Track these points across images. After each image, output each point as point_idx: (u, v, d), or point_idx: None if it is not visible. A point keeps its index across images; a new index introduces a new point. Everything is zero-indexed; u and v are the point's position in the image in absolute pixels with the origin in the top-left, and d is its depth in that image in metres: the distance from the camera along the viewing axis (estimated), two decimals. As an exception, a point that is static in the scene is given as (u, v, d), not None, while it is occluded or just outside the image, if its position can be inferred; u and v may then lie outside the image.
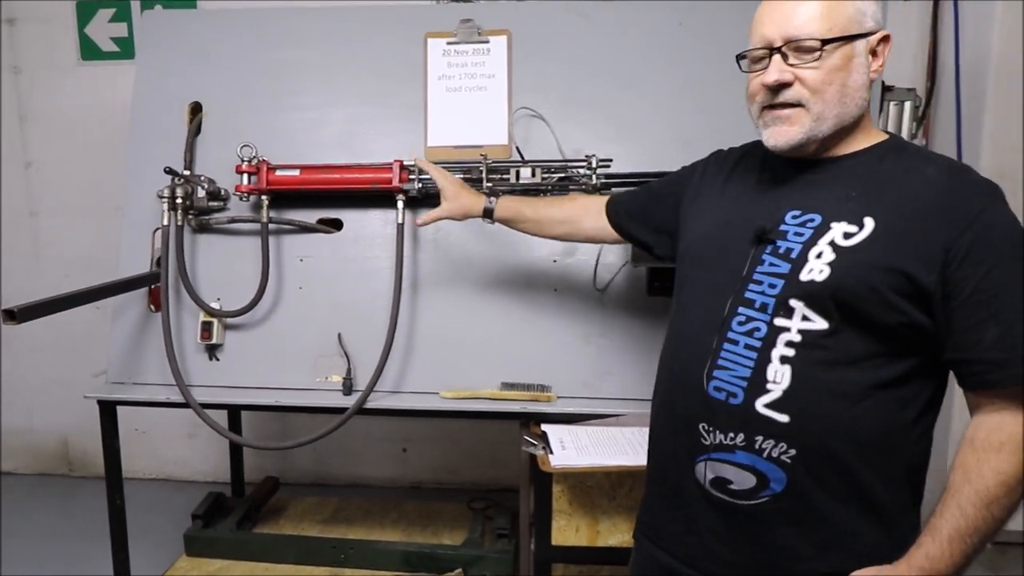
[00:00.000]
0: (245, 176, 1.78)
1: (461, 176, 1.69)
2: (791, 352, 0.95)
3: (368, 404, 1.71)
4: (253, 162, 1.78)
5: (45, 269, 3.26)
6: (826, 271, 0.94)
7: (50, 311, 1.47)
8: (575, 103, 1.86)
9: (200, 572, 2.09)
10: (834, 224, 0.96)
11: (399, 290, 1.73)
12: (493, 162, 1.77)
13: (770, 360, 0.96)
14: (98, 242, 3.20)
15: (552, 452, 1.58)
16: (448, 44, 1.90)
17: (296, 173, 1.78)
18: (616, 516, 1.61)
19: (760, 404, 0.96)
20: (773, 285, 0.97)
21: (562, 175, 1.76)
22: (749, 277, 1.00)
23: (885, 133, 1.06)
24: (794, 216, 1.01)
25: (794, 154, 1.03)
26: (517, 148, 1.81)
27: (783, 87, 0.98)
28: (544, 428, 1.68)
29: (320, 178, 1.77)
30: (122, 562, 1.83)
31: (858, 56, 0.98)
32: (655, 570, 1.13)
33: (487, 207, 1.51)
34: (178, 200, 1.81)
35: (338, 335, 1.82)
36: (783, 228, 1.00)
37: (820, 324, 0.94)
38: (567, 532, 1.66)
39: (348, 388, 1.77)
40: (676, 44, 1.83)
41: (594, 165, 1.72)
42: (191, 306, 1.86)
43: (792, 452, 0.95)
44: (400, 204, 1.75)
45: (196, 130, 1.92)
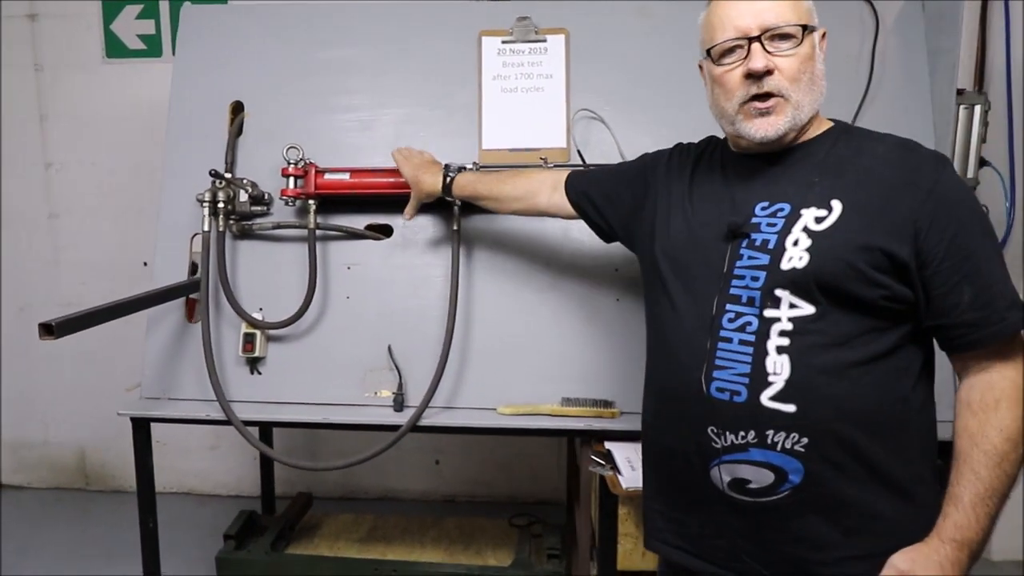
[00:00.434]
0: (291, 179, 1.69)
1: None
2: (786, 341, 0.96)
3: (422, 421, 1.61)
4: (300, 165, 1.69)
5: (64, 273, 3.17)
6: (806, 257, 0.96)
7: (88, 324, 1.38)
8: (635, 104, 1.77)
9: (235, 596, 1.99)
10: (804, 211, 0.99)
11: (455, 300, 1.64)
12: (554, 166, 1.67)
13: (767, 352, 0.97)
14: (119, 246, 3.12)
15: (620, 472, 1.48)
16: (503, 43, 1.81)
17: (346, 177, 1.69)
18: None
19: (765, 398, 0.96)
20: (756, 278, 0.99)
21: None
22: (731, 273, 1.01)
23: (830, 121, 1.10)
24: (763, 208, 1.03)
25: (769, 147, 1.05)
26: (579, 152, 1.72)
27: (767, 74, 1.00)
28: (608, 446, 1.59)
29: (372, 182, 1.68)
30: (155, 587, 1.73)
31: (817, 47, 1.03)
32: None
33: (445, 185, 1.52)
34: (220, 204, 1.71)
35: (388, 347, 1.72)
36: (755, 220, 1.02)
37: (807, 309, 0.96)
38: (634, 556, 1.58)
39: (400, 404, 1.68)
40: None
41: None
42: (230, 317, 1.77)
43: (804, 440, 0.95)
44: (456, 209, 1.65)
45: (238, 131, 1.83)
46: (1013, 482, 0.94)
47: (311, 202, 1.69)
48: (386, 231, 1.78)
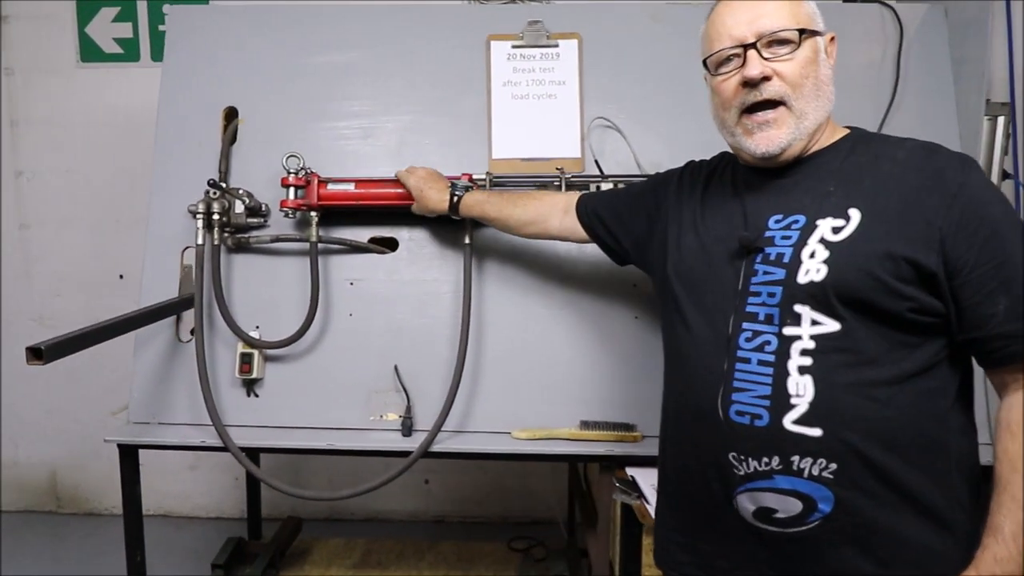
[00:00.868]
0: (291, 190, 1.59)
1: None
2: (808, 361, 0.91)
3: (433, 447, 1.52)
4: (301, 174, 1.59)
5: (36, 286, 3.01)
6: (824, 269, 0.91)
7: (80, 347, 1.26)
8: (650, 113, 1.71)
9: (225, 631, 1.87)
10: (820, 221, 0.95)
11: (467, 318, 1.55)
12: (572, 176, 1.61)
13: (788, 373, 0.92)
14: (94, 258, 2.97)
15: (648, 501, 1.41)
16: (513, 47, 1.74)
17: (351, 187, 1.59)
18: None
19: (788, 421, 0.91)
20: (772, 294, 0.94)
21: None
22: (746, 290, 0.97)
23: (846, 128, 1.06)
24: (777, 220, 0.99)
25: (775, 162, 1.01)
26: (596, 161, 1.65)
27: (764, 81, 0.97)
28: (630, 472, 1.51)
29: (378, 192, 1.59)
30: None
31: (821, 52, 1.00)
32: None
33: (452, 203, 1.48)
34: (214, 216, 1.60)
35: (394, 367, 1.63)
36: (768, 234, 0.98)
37: (831, 325, 0.91)
38: (658, 589, 1.49)
39: (408, 428, 1.58)
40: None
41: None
42: (224, 335, 1.65)
43: (833, 467, 0.90)
44: (468, 221, 1.57)
45: (232, 138, 1.72)
46: None
47: (313, 214, 1.59)
48: (391, 244, 1.69)
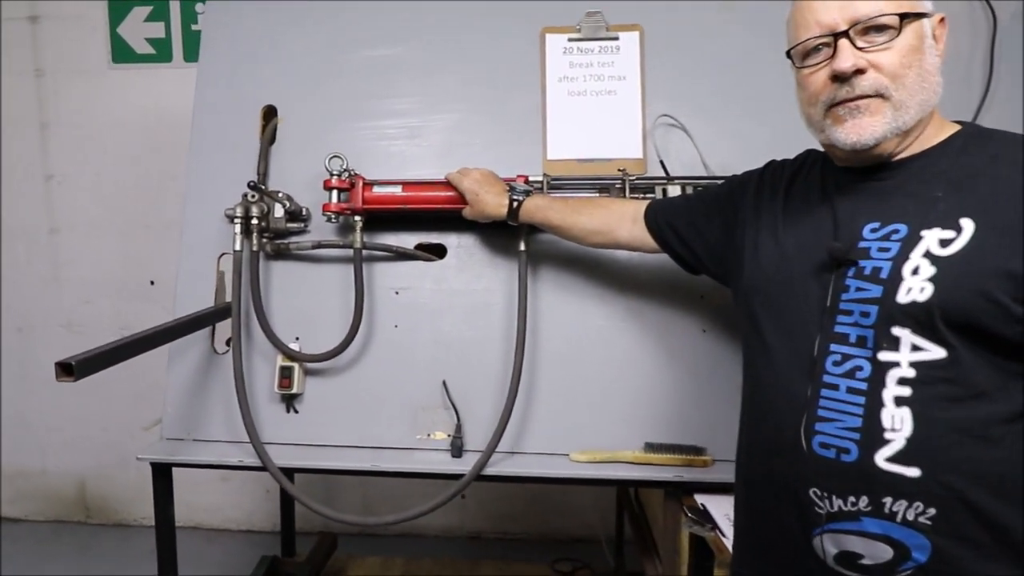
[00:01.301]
0: (334, 193, 1.49)
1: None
2: (907, 391, 0.82)
3: (486, 469, 1.41)
4: (345, 176, 1.50)
5: (65, 292, 2.96)
6: (929, 288, 0.81)
7: (112, 361, 1.17)
8: (719, 110, 1.58)
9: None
10: (925, 232, 0.84)
11: (523, 330, 1.44)
12: (636, 179, 1.48)
13: (883, 404, 0.82)
14: (124, 263, 2.92)
15: (723, 533, 1.28)
16: (570, 41, 1.62)
17: (398, 190, 1.49)
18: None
19: (881, 458, 0.82)
20: (866, 314, 0.84)
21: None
22: (835, 308, 0.87)
23: (957, 123, 0.94)
24: (873, 229, 0.88)
25: (870, 158, 0.90)
26: (662, 162, 1.52)
27: (857, 75, 0.87)
28: (700, 500, 1.38)
29: (428, 196, 1.48)
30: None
31: (927, 37, 0.89)
32: None
33: (511, 209, 1.36)
34: (253, 221, 1.51)
35: (443, 383, 1.52)
36: (863, 245, 0.87)
37: (936, 352, 0.81)
38: (732, 629, 1.36)
39: (458, 449, 1.47)
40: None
41: (758, 183, 1.44)
42: (263, 347, 1.56)
43: (931, 512, 0.80)
44: (523, 229, 1.46)
45: (271, 138, 1.63)
46: None
47: (357, 218, 1.49)
48: (439, 251, 1.58)
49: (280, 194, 1.54)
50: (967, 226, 0.82)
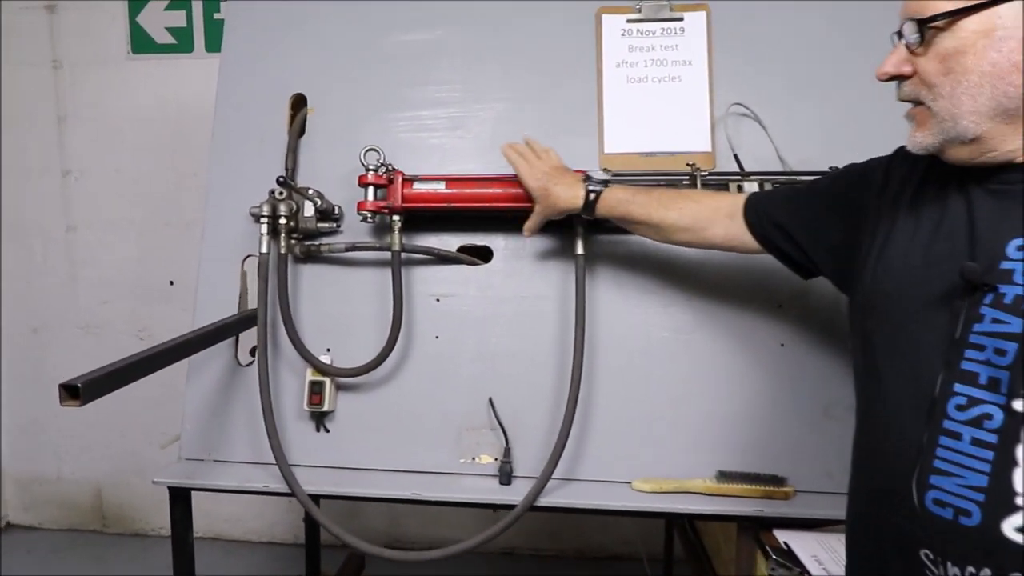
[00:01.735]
0: (370, 189, 1.35)
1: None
2: None
3: (540, 500, 1.26)
4: (381, 171, 1.35)
5: (82, 292, 2.86)
6: None
7: (123, 381, 1.04)
8: (798, 98, 1.42)
9: None
10: None
11: (581, 343, 1.28)
12: (707, 174, 1.32)
13: (1016, 462, 0.70)
14: (143, 263, 2.81)
15: (813, 577, 1.12)
16: (629, 22, 1.47)
17: (441, 187, 1.34)
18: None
19: (1009, 527, 0.70)
20: (1002, 351, 0.71)
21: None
22: (964, 341, 0.74)
23: None
24: (1020, 247, 0.73)
25: (980, 162, 0.77)
26: (736, 156, 1.36)
27: (901, 79, 0.80)
28: (781, 536, 1.22)
29: (475, 193, 1.33)
30: None
31: (999, 30, 0.73)
32: None
33: (588, 202, 1.20)
34: (281, 220, 1.37)
35: (489, 400, 1.37)
36: (1006, 266, 0.73)
37: None
38: None
39: (507, 476, 1.32)
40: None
41: (848, 179, 1.27)
42: (291, 359, 1.42)
43: None
44: (580, 229, 1.31)
45: (300, 130, 1.49)
46: None
47: (395, 218, 1.35)
48: (484, 254, 1.44)
49: (310, 191, 1.40)
50: None
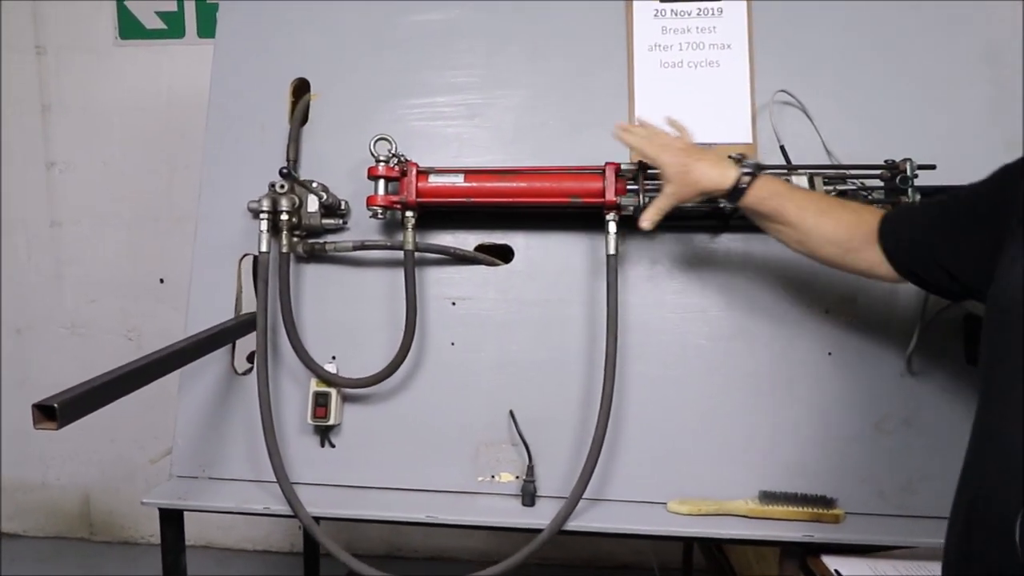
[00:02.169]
0: (381, 183, 1.23)
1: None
2: None
3: (568, 526, 1.15)
4: (393, 163, 1.23)
5: (68, 290, 2.72)
6: None
7: (110, 398, 0.92)
8: (847, 86, 1.31)
9: None
10: None
11: (613, 352, 1.17)
12: (769, 172, 1.21)
13: None
14: (132, 259, 2.68)
15: (871, 613, 1.02)
16: (663, 2, 1.35)
17: (459, 180, 1.22)
18: None
19: None
20: None
21: (841, 187, 1.21)
22: None
23: None
24: None
25: None
26: (783, 148, 1.25)
27: None
28: (832, 564, 1.12)
29: (497, 188, 1.21)
30: None
31: None
32: None
33: (738, 186, 1.03)
34: (282, 216, 1.25)
35: (510, 413, 1.26)
36: None
37: None
38: None
39: (530, 497, 1.21)
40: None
41: (909, 173, 1.16)
42: (293, 367, 1.31)
43: None
44: (612, 227, 1.19)
45: (303, 118, 1.37)
46: None
47: (409, 214, 1.23)
48: (504, 254, 1.32)
49: (314, 184, 1.28)
50: None
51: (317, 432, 1.29)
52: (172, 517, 1.24)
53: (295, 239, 1.30)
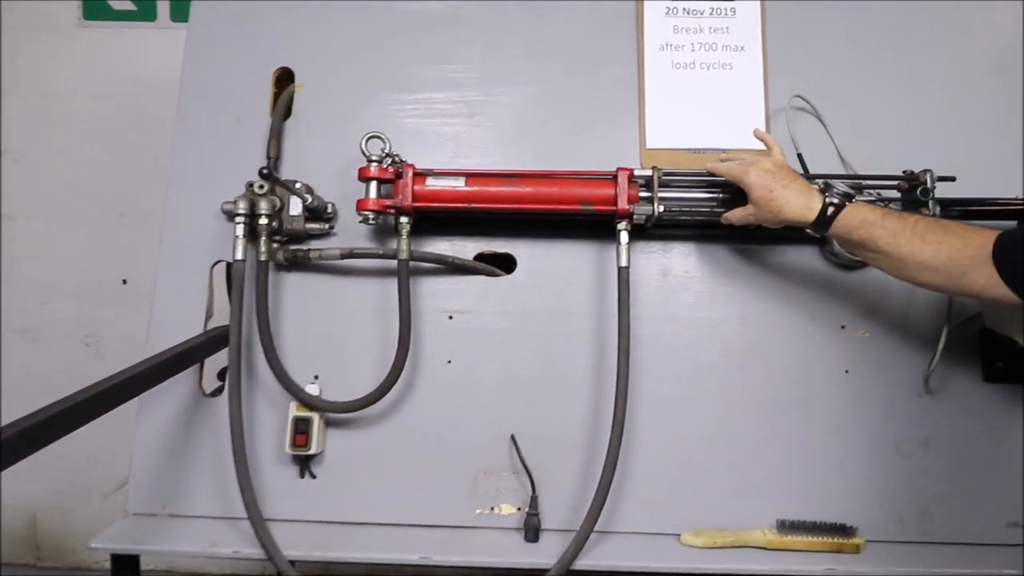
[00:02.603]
0: (373, 185, 1.12)
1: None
2: None
3: (577, 564, 1.05)
4: (387, 163, 1.12)
5: (19, 290, 2.52)
6: None
7: (57, 434, 0.80)
8: (864, 92, 1.26)
9: None
10: None
11: (626, 372, 1.08)
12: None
13: None
14: (92, 258, 2.49)
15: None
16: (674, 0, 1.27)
17: (459, 183, 1.12)
18: None
19: None
20: None
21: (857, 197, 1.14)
22: None
23: None
24: None
25: None
26: (800, 156, 1.18)
27: None
28: (853, 600, 1.05)
29: (501, 192, 1.11)
30: None
31: None
32: None
33: (824, 217, 0.97)
34: (261, 220, 1.13)
35: (511, 437, 1.16)
36: None
37: None
38: None
39: (534, 531, 1.11)
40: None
41: (930, 185, 1.10)
42: (269, 388, 1.18)
43: None
44: (624, 237, 1.11)
45: (286, 111, 1.25)
46: None
47: (404, 220, 1.12)
48: (506, 263, 1.22)
49: (298, 185, 1.16)
50: None
51: (296, 462, 1.16)
52: (127, 564, 1.09)
53: (275, 245, 1.18)
